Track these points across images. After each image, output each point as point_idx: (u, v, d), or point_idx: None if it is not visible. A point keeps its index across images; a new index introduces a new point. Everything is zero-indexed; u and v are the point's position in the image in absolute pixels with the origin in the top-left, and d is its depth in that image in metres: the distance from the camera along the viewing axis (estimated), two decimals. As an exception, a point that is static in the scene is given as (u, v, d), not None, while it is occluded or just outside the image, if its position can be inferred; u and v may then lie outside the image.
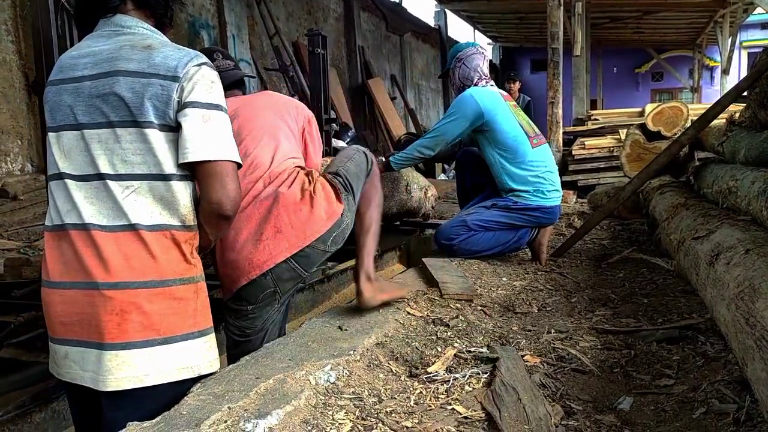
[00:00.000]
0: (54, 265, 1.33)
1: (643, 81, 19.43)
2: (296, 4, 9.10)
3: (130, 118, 1.30)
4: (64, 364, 1.33)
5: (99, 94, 1.31)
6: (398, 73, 12.38)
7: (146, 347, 1.29)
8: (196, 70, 1.33)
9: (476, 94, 2.89)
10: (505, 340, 1.93)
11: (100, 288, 1.27)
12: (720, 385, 1.51)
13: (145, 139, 1.30)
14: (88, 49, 1.38)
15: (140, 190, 1.31)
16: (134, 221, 1.30)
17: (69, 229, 1.31)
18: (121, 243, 1.29)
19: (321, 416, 1.31)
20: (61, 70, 1.39)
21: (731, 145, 2.91)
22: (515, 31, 16.26)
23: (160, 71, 1.30)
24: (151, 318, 1.29)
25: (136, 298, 1.28)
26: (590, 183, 6.40)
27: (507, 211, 2.92)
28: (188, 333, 1.34)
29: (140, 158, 1.31)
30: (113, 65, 1.32)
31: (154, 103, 1.30)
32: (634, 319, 2.13)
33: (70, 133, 1.34)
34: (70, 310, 1.30)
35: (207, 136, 1.32)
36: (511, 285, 2.62)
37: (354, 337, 1.73)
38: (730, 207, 2.58)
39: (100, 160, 1.31)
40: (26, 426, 1.77)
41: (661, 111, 4.81)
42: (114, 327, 1.27)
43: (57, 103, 1.36)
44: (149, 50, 1.33)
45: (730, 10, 11.59)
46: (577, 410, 1.44)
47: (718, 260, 1.93)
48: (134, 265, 1.29)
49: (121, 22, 1.40)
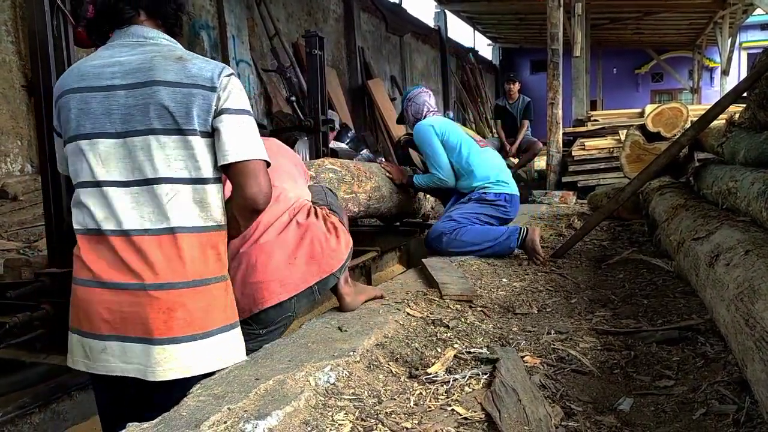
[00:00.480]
0: (95, 266, 1.39)
1: (643, 82, 19.44)
2: (296, 5, 9.10)
3: (174, 126, 1.38)
4: (101, 357, 1.40)
5: (138, 103, 1.38)
6: (398, 74, 12.38)
7: (190, 341, 1.38)
8: (227, 80, 1.44)
9: (425, 122, 3.39)
10: (505, 341, 1.93)
11: (147, 289, 1.36)
12: (720, 386, 1.51)
13: (188, 145, 1.40)
14: (113, 59, 1.43)
15: (182, 194, 1.40)
16: (175, 224, 1.39)
17: (108, 234, 1.38)
18: (165, 246, 1.38)
19: (321, 417, 1.31)
20: (82, 78, 1.43)
21: (731, 146, 2.91)
22: (515, 32, 16.27)
23: (199, 81, 1.40)
24: (194, 315, 1.39)
25: (181, 297, 1.38)
26: (590, 184, 6.39)
27: (481, 203, 3.23)
28: (222, 327, 1.44)
29: (182, 164, 1.40)
30: (150, 75, 1.39)
31: (198, 112, 1.39)
32: (634, 320, 2.13)
33: (108, 141, 1.40)
34: (115, 308, 1.37)
35: (242, 138, 1.42)
36: (511, 286, 2.62)
37: (354, 338, 1.73)
38: (730, 208, 2.58)
39: (144, 166, 1.38)
40: (26, 426, 1.77)
41: (660, 112, 4.81)
42: (161, 324, 1.36)
43: (84, 111, 1.41)
44: (182, 61, 1.42)
45: (729, 11, 11.59)
46: (577, 411, 1.44)
47: (718, 261, 1.93)
48: (178, 267, 1.38)
49: (142, 32, 1.47)
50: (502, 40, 18.16)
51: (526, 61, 19.65)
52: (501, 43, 18.95)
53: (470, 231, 3.10)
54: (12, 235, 4.29)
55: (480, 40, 18.25)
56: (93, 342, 1.41)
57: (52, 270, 2.10)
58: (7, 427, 1.72)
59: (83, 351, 1.43)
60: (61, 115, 1.45)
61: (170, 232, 1.38)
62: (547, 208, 5.22)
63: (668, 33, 14.95)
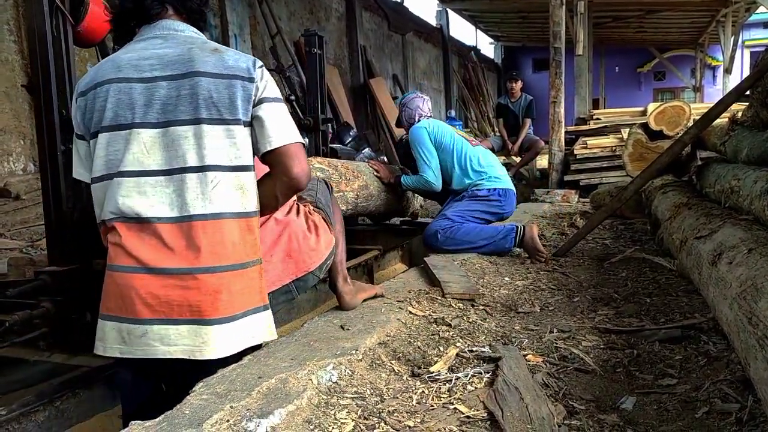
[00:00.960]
0: (140, 252, 1.42)
1: (646, 80, 19.42)
2: (298, 3, 9.10)
3: (218, 116, 1.44)
4: (141, 342, 1.42)
5: (181, 94, 1.43)
6: (400, 73, 12.37)
7: (233, 321, 1.44)
8: (261, 71, 1.51)
9: (419, 125, 3.47)
10: (507, 339, 1.93)
11: (195, 273, 1.40)
12: (722, 384, 1.51)
13: (231, 134, 1.45)
14: (149, 51, 1.46)
15: (225, 181, 1.45)
16: (220, 210, 1.43)
17: (154, 222, 1.42)
18: (209, 231, 1.42)
19: (323, 415, 1.31)
20: (119, 69, 1.45)
21: (733, 144, 2.90)
22: (517, 30, 16.25)
23: (237, 72, 1.46)
24: (236, 296, 1.44)
25: (225, 279, 1.43)
26: (592, 182, 6.38)
27: (476, 200, 3.27)
28: (257, 307, 1.50)
29: (225, 152, 1.44)
30: (190, 66, 1.44)
31: (240, 102, 1.45)
32: (636, 319, 2.13)
33: (151, 130, 1.43)
34: (161, 293, 1.41)
35: (282, 124, 1.50)
36: (514, 284, 2.62)
37: (356, 336, 1.73)
38: (733, 206, 2.58)
39: (188, 154, 1.42)
40: (30, 425, 1.78)
41: (663, 110, 4.80)
42: (209, 306, 1.41)
43: (124, 101, 1.43)
44: (218, 53, 1.48)
45: (732, 9, 11.57)
46: (580, 410, 1.44)
47: (721, 260, 1.93)
48: (221, 251, 1.43)
49: (172, 26, 1.51)
50: (505, 38, 18.14)
51: (529, 60, 19.64)
52: (503, 42, 18.92)
53: (464, 229, 3.13)
54: (15, 234, 4.30)
55: (482, 39, 18.24)
56: (132, 326, 1.43)
57: (52, 268, 2.10)
58: (12, 425, 1.73)
59: (119, 336, 1.45)
60: (94, 105, 1.46)
61: (214, 218, 1.43)
62: (550, 207, 5.21)
63: (671, 31, 14.92)
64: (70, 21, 2.08)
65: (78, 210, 2.13)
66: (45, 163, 2.11)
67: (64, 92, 2.09)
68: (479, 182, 3.30)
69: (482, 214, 3.25)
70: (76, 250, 2.12)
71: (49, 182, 2.11)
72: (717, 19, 12.61)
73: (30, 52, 2.11)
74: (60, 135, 2.09)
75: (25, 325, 2.01)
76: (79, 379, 1.99)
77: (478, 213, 3.25)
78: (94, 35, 2.20)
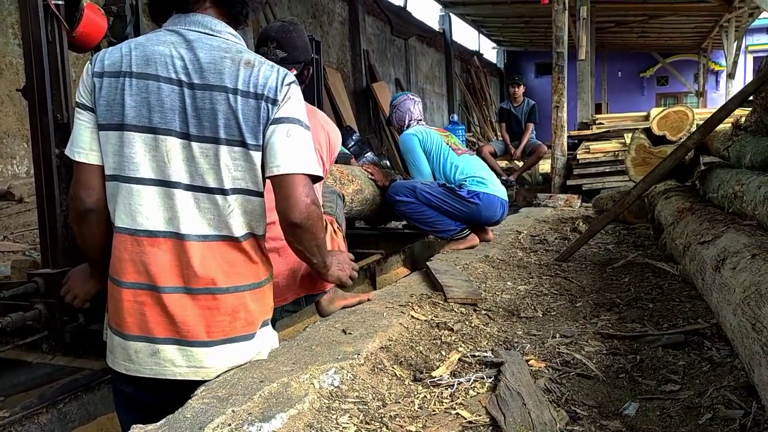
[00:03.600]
0: (153, 269, 1.37)
1: (648, 85, 19.41)
2: (301, 7, 9.12)
3: (239, 138, 1.36)
4: (150, 361, 1.39)
5: (206, 107, 1.34)
6: (403, 77, 12.39)
7: (248, 340, 1.45)
8: (287, 89, 1.41)
9: (408, 132, 3.53)
10: (509, 344, 1.92)
11: (215, 293, 1.38)
12: (726, 390, 1.50)
13: (249, 158, 1.38)
14: (177, 50, 1.35)
15: (241, 203, 1.40)
16: (235, 233, 1.40)
17: (169, 237, 1.36)
18: (225, 251, 1.40)
19: (325, 420, 1.31)
20: (148, 63, 1.35)
21: (737, 149, 2.90)
22: (520, 35, 16.28)
23: (265, 92, 1.37)
24: (253, 315, 1.45)
25: (244, 299, 1.42)
26: (595, 187, 6.38)
27: (452, 195, 3.27)
28: (265, 320, 1.51)
29: (241, 174, 1.38)
30: (219, 79, 1.34)
31: (261, 126, 1.37)
32: (639, 324, 2.12)
33: (176, 140, 1.35)
34: (176, 312, 1.37)
35: (293, 149, 1.38)
36: (516, 289, 2.62)
37: (358, 340, 1.73)
38: (736, 212, 2.57)
39: (207, 174, 1.36)
40: (33, 427, 1.78)
41: (666, 115, 4.80)
42: (226, 325, 1.41)
43: (151, 102, 1.34)
44: (250, 67, 1.37)
45: (735, 14, 11.57)
46: (583, 415, 1.44)
47: (724, 265, 1.92)
48: (240, 271, 1.42)
49: (208, 23, 1.40)
50: (507, 43, 18.17)
51: (531, 64, 19.66)
52: (506, 46, 18.95)
53: (423, 214, 3.26)
54: (18, 236, 4.31)
55: (485, 43, 18.26)
56: (141, 345, 1.39)
57: (44, 271, 2.11)
58: (15, 427, 1.73)
59: (125, 353, 1.41)
60: (113, 95, 1.35)
61: (232, 240, 1.40)
62: (552, 212, 5.21)
63: (674, 36, 14.93)
64: (65, 27, 2.10)
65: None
66: (39, 167, 2.13)
67: (59, 97, 2.10)
68: (463, 183, 3.33)
69: (450, 207, 3.27)
70: (69, 252, 2.13)
71: (43, 185, 2.12)
72: (720, 24, 12.61)
73: (25, 57, 2.12)
74: (54, 139, 2.10)
75: (17, 327, 2.02)
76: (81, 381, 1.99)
77: (445, 205, 3.26)
78: (89, 41, 2.21)
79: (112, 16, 2.33)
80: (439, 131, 3.63)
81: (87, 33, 2.17)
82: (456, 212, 3.27)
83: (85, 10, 2.14)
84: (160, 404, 1.40)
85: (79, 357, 2.19)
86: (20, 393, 2.15)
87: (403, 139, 3.53)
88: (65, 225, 2.13)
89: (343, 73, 9.91)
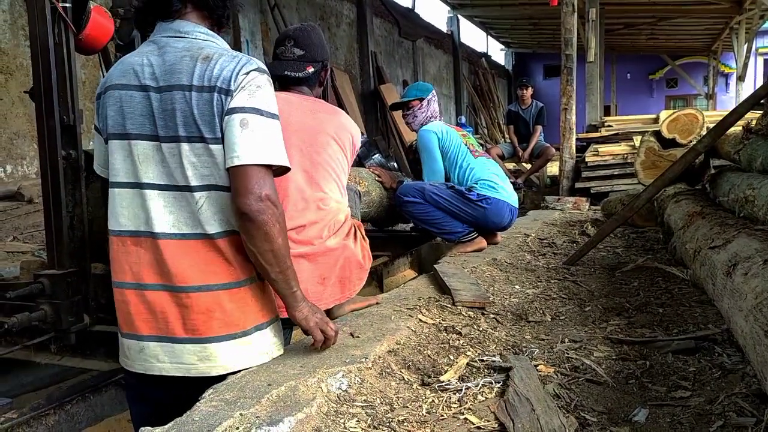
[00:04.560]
0: (136, 268, 1.42)
1: (658, 87, 19.32)
2: (309, 10, 9.14)
3: (197, 133, 1.37)
4: (139, 357, 1.44)
5: (167, 108, 1.38)
6: (410, 79, 12.39)
7: (229, 340, 1.42)
8: (243, 78, 1.37)
9: (430, 129, 3.47)
10: (518, 349, 1.91)
11: (188, 291, 1.39)
12: (738, 397, 1.49)
13: (211, 153, 1.38)
14: (148, 58, 1.42)
15: (211, 200, 1.40)
16: (209, 230, 1.40)
17: (147, 236, 1.40)
18: (201, 250, 1.40)
19: (333, 424, 1.30)
20: (124, 74, 1.43)
21: (748, 153, 2.87)
22: (528, 37, 16.25)
23: (218, 83, 1.36)
24: (231, 315, 1.43)
25: (219, 298, 1.41)
26: (603, 190, 6.34)
27: (461, 197, 3.24)
28: (260, 324, 1.48)
29: (208, 170, 1.39)
30: (177, 79, 1.37)
31: (218, 119, 1.36)
32: (649, 330, 2.10)
33: (147, 143, 1.40)
34: (157, 309, 1.41)
35: (249, 139, 1.35)
36: (524, 293, 2.60)
37: (366, 344, 1.73)
38: (747, 216, 2.55)
39: (176, 172, 1.39)
40: (41, 428, 1.79)
41: (676, 118, 4.77)
42: (201, 324, 1.40)
43: (125, 110, 1.41)
44: (207, 62, 1.37)
45: (746, 16, 11.49)
46: (592, 422, 1.43)
47: (736, 270, 1.90)
48: (214, 270, 1.41)
49: (178, 27, 1.44)
50: (516, 44, 18.14)
51: (540, 66, 19.61)
52: (514, 48, 18.92)
53: (430, 215, 3.23)
54: (27, 237, 4.34)
55: (493, 45, 18.23)
56: (131, 342, 1.45)
57: (50, 271, 2.13)
58: (23, 428, 1.74)
59: (122, 349, 1.48)
60: (103, 110, 1.45)
61: (206, 237, 1.40)
62: (560, 215, 5.18)
63: (683, 38, 14.86)
64: (72, 29, 2.11)
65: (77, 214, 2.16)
66: (46, 168, 2.14)
67: (66, 99, 2.12)
68: (473, 186, 3.30)
69: (458, 209, 3.25)
70: (75, 253, 2.14)
71: (49, 186, 2.14)
72: (730, 26, 12.54)
73: (32, 59, 2.14)
74: (61, 141, 2.11)
75: (23, 328, 2.04)
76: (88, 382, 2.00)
77: (454, 207, 3.24)
78: (95, 43, 2.22)
79: (119, 19, 2.34)
80: (458, 130, 3.58)
81: (94, 35, 2.19)
82: (463, 215, 3.26)
83: (92, 12, 2.16)
84: (173, 399, 1.44)
85: (87, 358, 2.20)
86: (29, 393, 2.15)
87: (422, 134, 3.48)
88: (71, 226, 2.14)
89: (350, 74, 9.92)
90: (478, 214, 3.27)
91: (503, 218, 3.36)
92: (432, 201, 3.22)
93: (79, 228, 2.17)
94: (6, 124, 5.20)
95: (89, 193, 2.20)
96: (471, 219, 3.28)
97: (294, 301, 1.48)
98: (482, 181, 3.30)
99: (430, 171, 3.42)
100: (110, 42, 2.31)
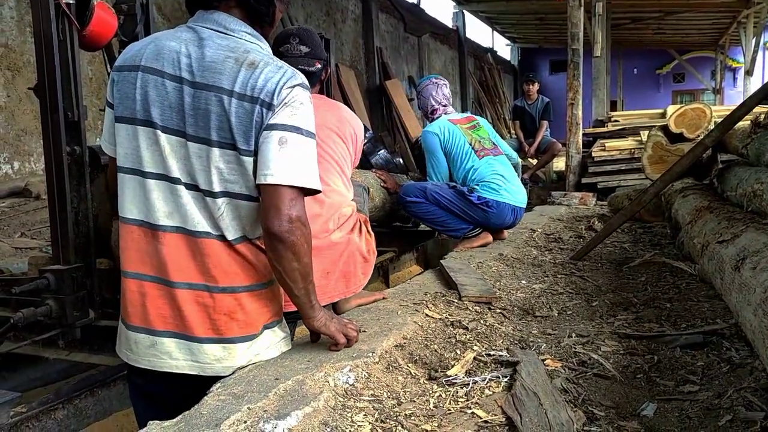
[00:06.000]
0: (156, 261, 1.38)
1: (665, 82, 19.21)
2: (315, 5, 9.13)
3: (230, 141, 1.33)
4: (148, 353, 1.41)
5: (200, 106, 1.33)
6: (416, 75, 12.36)
7: (248, 341, 1.43)
8: (287, 93, 1.33)
9: (432, 130, 3.46)
10: (525, 343, 1.91)
11: (212, 291, 1.38)
12: (746, 392, 1.48)
13: (241, 162, 1.34)
14: (187, 48, 1.35)
15: (230, 207, 1.37)
16: (228, 236, 1.38)
17: (172, 231, 1.37)
18: (222, 251, 1.38)
19: (340, 418, 1.30)
20: (157, 58, 1.35)
21: (756, 147, 2.85)
22: (534, 32, 16.17)
23: (262, 96, 1.31)
24: (251, 316, 1.43)
25: (240, 300, 1.40)
26: (610, 185, 6.31)
27: (462, 198, 3.26)
28: (271, 322, 1.49)
29: (235, 177, 1.36)
30: (216, 79, 1.32)
31: (254, 131, 1.32)
32: (656, 324, 2.09)
33: (173, 137, 1.35)
34: (177, 306, 1.38)
35: (285, 159, 1.31)
36: (531, 288, 2.60)
37: (372, 338, 1.73)
38: (756, 210, 2.53)
39: (199, 174, 1.35)
40: (49, 422, 1.80)
41: (683, 112, 4.73)
42: (222, 324, 1.39)
43: (154, 98, 1.34)
44: (252, 69, 1.32)
45: (754, 10, 11.40)
46: (600, 416, 1.42)
47: (744, 265, 1.89)
48: (237, 271, 1.40)
49: (224, 22, 1.38)
50: (521, 40, 18.06)
51: (546, 61, 19.51)
52: (520, 43, 18.84)
53: (431, 213, 3.27)
54: (35, 233, 4.36)
55: (498, 40, 18.16)
56: (141, 336, 1.41)
57: (56, 267, 2.13)
58: (32, 422, 1.75)
59: (127, 343, 1.44)
60: (124, 88, 1.37)
61: (226, 241, 1.38)
62: (567, 210, 5.17)
63: (690, 33, 14.75)
64: (76, 25, 2.11)
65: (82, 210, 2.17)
66: (50, 164, 2.15)
67: (70, 95, 2.12)
68: (474, 188, 3.30)
69: (459, 210, 3.26)
70: (81, 248, 2.15)
71: (54, 182, 2.15)
72: (738, 21, 12.44)
73: (36, 56, 2.14)
74: (65, 137, 2.12)
75: (29, 323, 2.05)
76: (97, 377, 2.01)
77: (455, 207, 3.25)
78: (99, 39, 2.22)
79: (123, 15, 2.35)
80: (466, 125, 3.51)
81: (97, 31, 2.19)
82: (465, 215, 3.27)
83: (96, 8, 2.16)
84: (176, 398, 1.41)
85: (95, 353, 2.21)
86: (37, 388, 2.17)
87: (424, 136, 3.48)
88: (76, 222, 2.14)
89: (356, 70, 9.90)
90: (479, 215, 3.28)
91: (505, 220, 3.36)
92: (433, 200, 3.24)
93: (84, 223, 2.17)
94: (13, 121, 5.22)
95: (94, 189, 2.21)
96: (472, 219, 3.30)
97: (312, 311, 1.48)
98: (484, 183, 3.29)
99: (434, 173, 3.44)
100: (114, 38, 2.31)
